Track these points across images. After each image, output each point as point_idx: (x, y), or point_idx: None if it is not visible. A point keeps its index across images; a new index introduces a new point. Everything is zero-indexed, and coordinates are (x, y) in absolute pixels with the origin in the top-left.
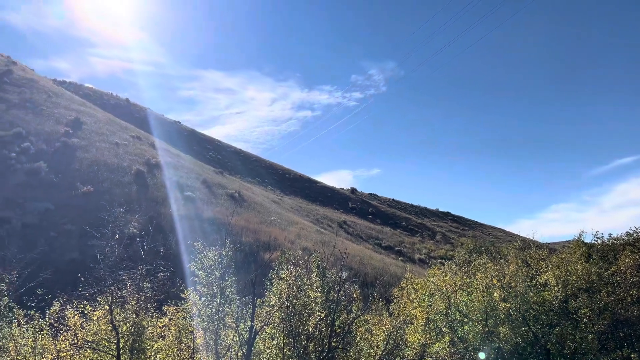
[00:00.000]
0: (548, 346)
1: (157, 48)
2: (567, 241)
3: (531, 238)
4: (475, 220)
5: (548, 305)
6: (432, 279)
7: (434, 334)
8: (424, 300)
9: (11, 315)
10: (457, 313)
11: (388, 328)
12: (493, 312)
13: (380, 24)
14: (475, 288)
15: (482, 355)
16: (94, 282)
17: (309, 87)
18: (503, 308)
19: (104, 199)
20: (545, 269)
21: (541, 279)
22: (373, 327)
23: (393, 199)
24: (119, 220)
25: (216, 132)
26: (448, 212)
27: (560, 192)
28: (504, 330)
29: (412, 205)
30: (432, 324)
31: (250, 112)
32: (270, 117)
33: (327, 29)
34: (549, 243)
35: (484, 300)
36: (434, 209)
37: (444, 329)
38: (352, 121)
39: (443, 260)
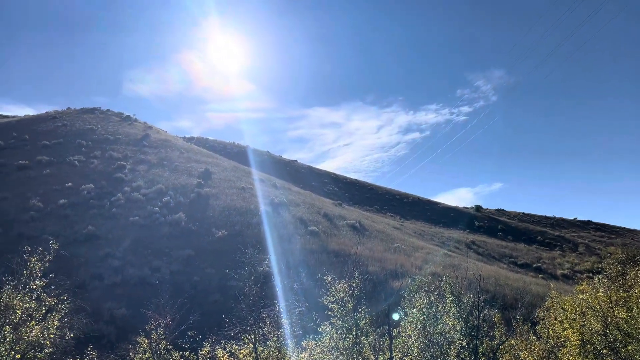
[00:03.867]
0: None
1: (264, 95)
2: None
3: None
4: (623, 226)
5: None
6: (581, 296)
7: (592, 356)
8: (575, 320)
9: (169, 357)
10: (617, 332)
11: (538, 353)
12: None
13: (478, 33)
14: (635, 303)
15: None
16: (237, 321)
17: (414, 109)
18: None
19: (238, 241)
20: None
21: None
22: (521, 353)
23: (523, 213)
24: (253, 261)
25: (328, 166)
26: (589, 221)
27: None
28: None
29: (545, 217)
30: (588, 345)
31: (357, 142)
32: (377, 144)
33: (423, 47)
34: None
35: None
36: (572, 218)
37: (604, 351)
38: (466, 137)
39: (591, 274)
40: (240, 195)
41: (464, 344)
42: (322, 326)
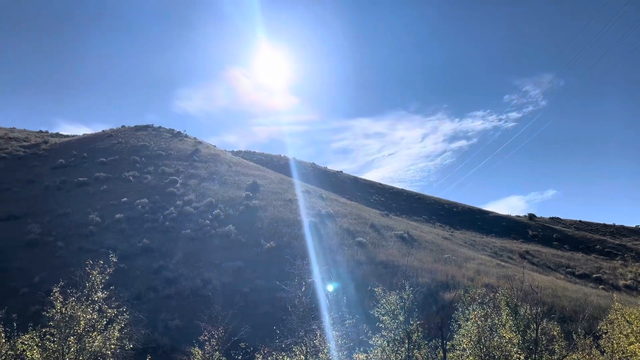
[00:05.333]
0: None
1: (308, 108)
2: None
3: None
4: None
5: None
6: None
7: None
8: None
9: None
10: None
11: None
12: None
13: (523, 37)
14: None
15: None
16: (288, 333)
17: (460, 116)
18: None
19: (286, 253)
20: None
21: None
22: None
23: (580, 221)
24: (302, 272)
25: (372, 176)
26: None
27: None
28: None
29: (604, 225)
30: None
31: (402, 152)
32: (423, 153)
33: (466, 54)
34: None
35: None
36: (634, 226)
37: None
38: (515, 143)
39: None
40: (287, 207)
41: (522, 358)
42: (373, 338)
